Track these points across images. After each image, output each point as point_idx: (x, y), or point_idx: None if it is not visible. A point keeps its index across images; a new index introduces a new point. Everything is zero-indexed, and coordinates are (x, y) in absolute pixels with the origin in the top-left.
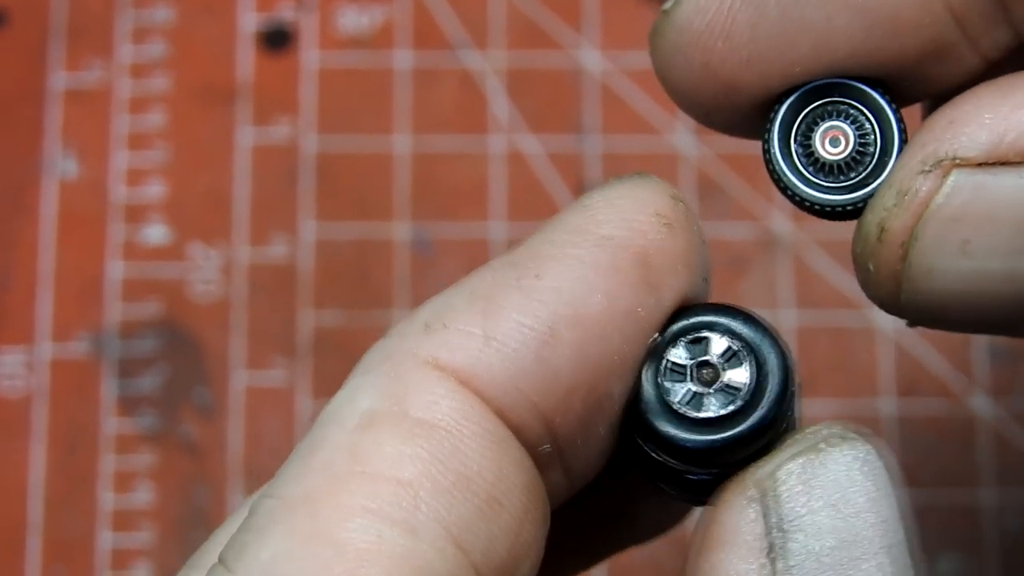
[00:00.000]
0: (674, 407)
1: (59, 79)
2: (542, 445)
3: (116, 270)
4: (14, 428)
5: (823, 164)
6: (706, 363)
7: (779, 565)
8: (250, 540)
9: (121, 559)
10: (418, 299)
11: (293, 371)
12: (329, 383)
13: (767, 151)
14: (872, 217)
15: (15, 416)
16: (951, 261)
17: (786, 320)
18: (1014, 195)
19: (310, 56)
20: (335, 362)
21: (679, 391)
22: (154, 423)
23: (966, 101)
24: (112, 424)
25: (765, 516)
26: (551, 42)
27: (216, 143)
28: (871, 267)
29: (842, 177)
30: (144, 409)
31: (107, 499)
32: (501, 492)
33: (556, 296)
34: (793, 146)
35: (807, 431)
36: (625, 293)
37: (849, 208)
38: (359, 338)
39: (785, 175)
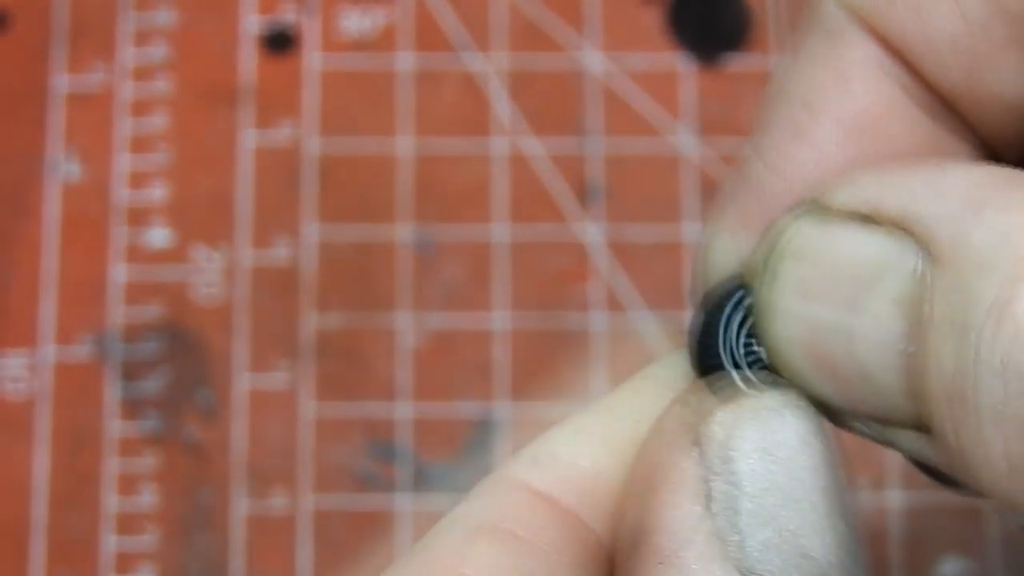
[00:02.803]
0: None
1: (61, 81)
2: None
3: (119, 273)
4: (17, 430)
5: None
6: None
7: (714, 508)
8: None
9: (125, 561)
10: (421, 301)
11: (296, 373)
12: (332, 385)
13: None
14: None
15: (18, 418)
16: (790, 301)
17: None
18: (856, 251)
19: (313, 58)
20: (338, 364)
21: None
22: (157, 425)
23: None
24: (115, 427)
25: (703, 460)
26: (553, 44)
27: (219, 145)
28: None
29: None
30: (147, 411)
31: (111, 501)
32: None
33: None
34: (733, 347)
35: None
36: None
37: None
38: (362, 340)
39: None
